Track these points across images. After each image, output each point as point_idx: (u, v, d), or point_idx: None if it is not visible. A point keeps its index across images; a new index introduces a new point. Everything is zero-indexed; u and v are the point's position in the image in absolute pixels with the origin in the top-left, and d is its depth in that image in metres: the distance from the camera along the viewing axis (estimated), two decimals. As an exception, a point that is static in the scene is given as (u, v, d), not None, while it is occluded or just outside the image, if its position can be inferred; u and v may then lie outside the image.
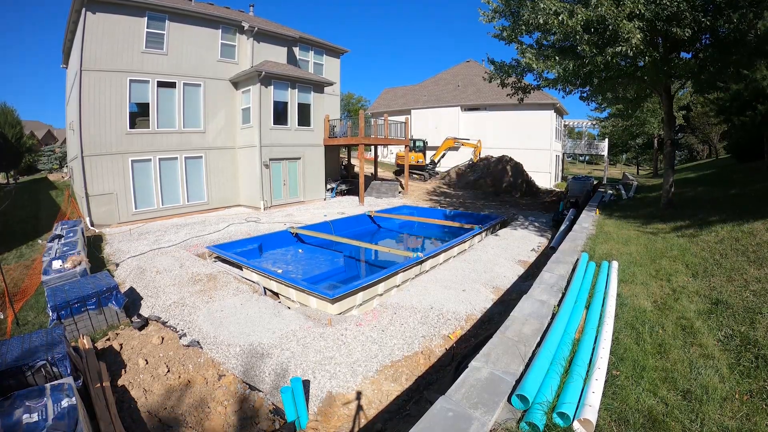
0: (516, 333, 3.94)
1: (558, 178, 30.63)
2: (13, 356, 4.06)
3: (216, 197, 15.91)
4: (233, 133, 16.23)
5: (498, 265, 9.11)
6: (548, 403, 2.86)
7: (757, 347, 3.54)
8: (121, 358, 5.49)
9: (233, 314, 6.52)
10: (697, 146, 41.19)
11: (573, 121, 36.83)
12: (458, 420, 2.65)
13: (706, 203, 11.21)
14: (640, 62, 9.01)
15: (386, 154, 35.55)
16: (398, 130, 20.62)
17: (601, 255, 6.91)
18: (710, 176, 19.64)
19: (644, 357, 3.56)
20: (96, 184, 12.73)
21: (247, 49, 15.87)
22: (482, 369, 3.26)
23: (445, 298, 7.19)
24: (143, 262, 8.93)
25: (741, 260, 5.84)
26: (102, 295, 6.21)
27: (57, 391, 3.61)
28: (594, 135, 38.95)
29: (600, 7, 7.49)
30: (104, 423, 3.96)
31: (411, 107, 33.61)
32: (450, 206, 17.76)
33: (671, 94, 11.17)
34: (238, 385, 4.88)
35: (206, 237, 11.24)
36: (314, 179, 17.90)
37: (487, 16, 9.95)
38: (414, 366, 5.37)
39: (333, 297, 6.62)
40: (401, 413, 4.50)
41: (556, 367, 3.31)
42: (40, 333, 4.68)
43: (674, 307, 4.61)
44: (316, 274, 9.31)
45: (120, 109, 13.04)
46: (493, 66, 11.18)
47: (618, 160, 60.76)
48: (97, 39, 12.31)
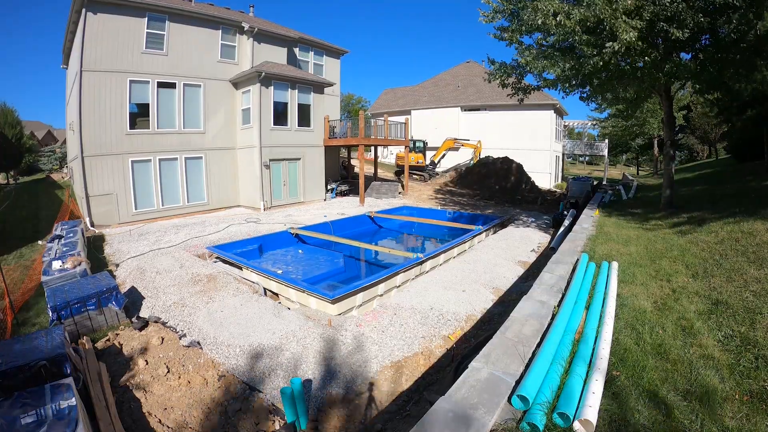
0: (516, 333, 3.94)
1: (558, 178, 30.63)
2: (13, 356, 4.06)
3: (216, 198, 15.91)
4: (233, 134, 16.24)
5: (498, 266, 9.11)
6: (548, 404, 2.86)
7: (757, 347, 3.54)
8: (121, 358, 5.49)
9: (233, 315, 6.52)
10: (697, 146, 41.20)
11: (573, 122, 36.86)
12: (458, 420, 2.65)
13: (706, 203, 11.21)
14: (639, 63, 9.01)
15: (386, 155, 35.54)
16: (398, 130, 20.63)
17: (601, 255, 6.91)
18: (710, 176, 19.66)
19: (644, 357, 3.56)
20: (96, 185, 12.73)
21: (247, 50, 15.88)
22: (482, 369, 3.26)
23: (445, 299, 7.19)
24: (143, 263, 8.93)
25: (741, 260, 5.84)
26: (102, 296, 6.20)
27: (57, 391, 3.60)
28: (594, 135, 39.01)
29: (594, 6, 7.49)
30: (104, 423, 3.96)
31: (411, 108, 33.61)
32: (450, 207, 17.76)
33: (671, 94, 11.18)
34: (238, 385, 4.88)
35: (206, 237, 11.24)
36: (314, 180, 17.90)
37: (487, 16, 9.95)
38: (414, 367, 5.37)
39: (333, 297, 6.62)
40: (401, 413, 4.50)
41: (556, 368, 3.30)
42: (39, 333, 4.67)
43: (674, 307, 4.61)
44: (316, 274, 9.31)
45: (120, 109, 13.04)
46: (494, 66, 11.19)
47: (618, 160, 60.79)
48: (98, 39, 12.32)
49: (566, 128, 35.51)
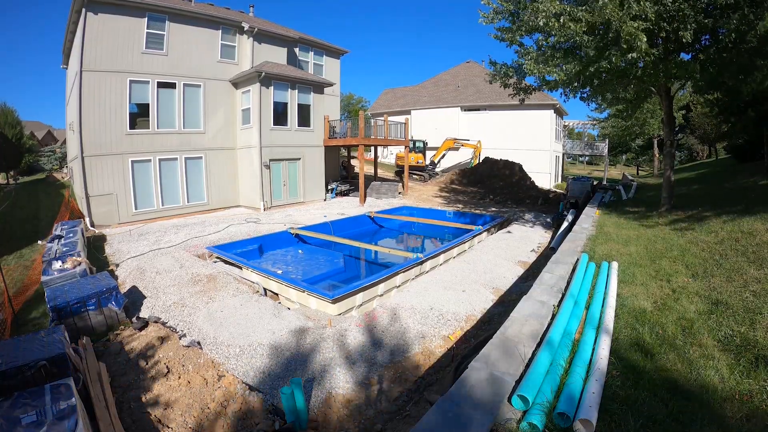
0: (516, 333, 3.93)
1: (558, 178, 30.64)
2: (12, 356, 4.06)
3: (216, 198, 15.91)
4: (233, 134, 16.24)
5: (498, 266, 9.11)
6: (548, 404, 2.86)
7: (757, 347, 3.53)
8: (121, 358, 5.49)
9: (233, 315, 6.51)
10: (697, 147, 41.18)
11: (573, 122, 36.86)
12: (458, 420, 2.65)
13: (706, 204, 11.21)
14: (639, 63, 9.01)
15: (386, 155, 35.55)
16: (398, 130, 20.63)
17: (601, 255, 6.91)
18: (710, 177, 19.66)
19: (644, 357, 3.56)
20: (96, 185, 12.74)
21: (247, 50, 15.88)
22: (482, 369, 3.26)
23: (445, 299, 7.19)
24: (143, 263, 8.93)
25: (741, 261, 5.84)
26: (102, 296, 6.20)
27: (57, 391, 3.60)
28: (594, 135, 39.02)
29: (605, 9, 7.44)
30: (104, 423, 3.96)
31: (411, 108, 33.62)
32: (450, 207, 17.76)
33: (671, 94, 11.18)
34: (238, 385, 4.88)
35: (206, 238, 11.24)
36: (314, 180, 17.90)
37: (487, 17, 9.94)
38: (414, 367, 5.37)
39: (333, 297, 6.62)
40: (401, 414, 4.50)
41: (556, 368, 3.30)
42: (39, 333, 4.67)
43: (674, 307, 4.61)
44: (316, 274, 9.30)
45: (120, 109, 13.05)
46: (494, 67, 11.19)
47: (618, 160, 60.76)
48: (98, 39, 12.32)
49: (566, 128, 35.51)
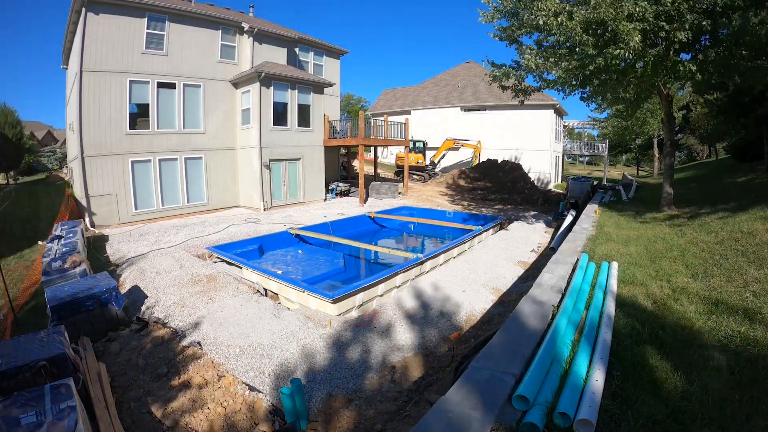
0: (516, 333, 3.93)
1: (558, 178, 30.64)
2: (12, 356, 4.05)
3: (216, 198, 15.91)
4: (233, 134, 16.24)
5: (498, 266, 9.11)
6: (548, 404, 2.85)
7: (757, 347, 3.53)
8: (121, 358, 5.49)
9: (233, 315, 6.51)
10: (696, 147, 41.19)
11: (573, 122, 36.87)
12: (458, 421, 2.65)
13: (705, 204, 11.21)
14: (639, 63, 9.00)
15: (386, 155, 35.55)
16: (398, 130, 20.64)
17: (600, 256, 6.91)
18: (710, 177, 19.67)
19: (644, 358, 3.56)
20: (96, 185, 12.74)
21: (247, 50, 15.89)
22: (482, 370, 3.26)
23: (445, 299, 7.19)
24: (143, 263, 8.93)
25: (741, 261, 5.84)
26: (102, 296, 6.20)
27: (56, 391, 3.60)
28: (594, 136, 39.01)
29: (599, 9, 7.48)
30: (104, 424, 3.96)
31: (411, 108, 33.63)
32: (450, 207, 17.76)
33: (670, 95, 11.18)
34: (238, 385, 4.88)
35: (206, 238, 11.24)
36: (314, 180, 17.90)
37: (486, 16, 9.94)
38: (414, 367, 5.37)
39: (333, 298, 6.62)
40: (401, 414, 4.50)
41: (556, 368, 3.30)
42: (39, 333, 4.67)
43: (674, 307, 4.60)
44: (316, 275, 9.30)
45: (120, 109, 13.05)
46: (494, 68, 11.18)
47: (618, 160, 60.78)
48: (98, 40, 12.33)
49: (566, 128, 35.52)
